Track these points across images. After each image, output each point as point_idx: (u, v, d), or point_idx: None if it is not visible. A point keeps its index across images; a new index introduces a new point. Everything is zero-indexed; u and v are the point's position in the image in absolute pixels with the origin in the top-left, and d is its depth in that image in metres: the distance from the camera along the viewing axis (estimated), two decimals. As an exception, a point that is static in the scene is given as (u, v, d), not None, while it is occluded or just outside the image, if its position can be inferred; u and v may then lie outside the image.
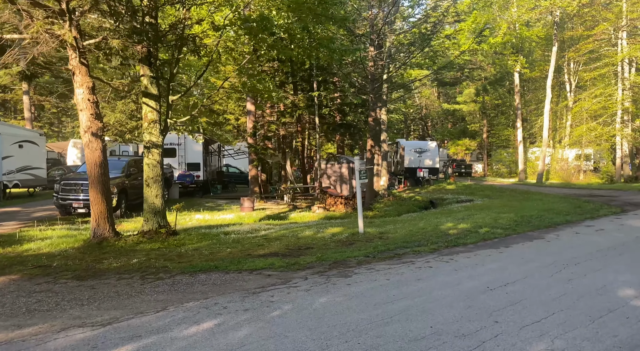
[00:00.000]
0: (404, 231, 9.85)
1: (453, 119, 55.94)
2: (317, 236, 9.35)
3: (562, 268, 6.37)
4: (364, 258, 6.99)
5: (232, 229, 10.73)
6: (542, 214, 12.42)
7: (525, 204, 15.52)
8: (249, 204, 15.13)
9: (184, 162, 19.77)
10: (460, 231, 9.66)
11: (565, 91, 39.61)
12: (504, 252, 7.60)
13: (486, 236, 9.05)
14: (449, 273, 6.10)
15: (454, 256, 7.23)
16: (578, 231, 9.74)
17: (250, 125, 17.68)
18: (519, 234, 9.42)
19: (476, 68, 42.38)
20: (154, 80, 8.82)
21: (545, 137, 31.00)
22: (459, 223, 10.91)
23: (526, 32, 30.75)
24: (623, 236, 9.09)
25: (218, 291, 5.12)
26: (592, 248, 7.89)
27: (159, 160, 9.00)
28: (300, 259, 6.83)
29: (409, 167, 27.64)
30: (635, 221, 11.27)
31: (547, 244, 8.35)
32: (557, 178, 35.20)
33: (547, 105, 31.06)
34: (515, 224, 10.67)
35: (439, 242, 8.40)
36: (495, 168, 45.69)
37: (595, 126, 33.36)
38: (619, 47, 31.07)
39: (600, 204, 15.41)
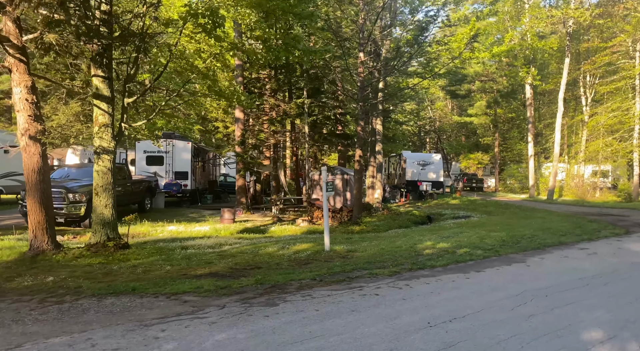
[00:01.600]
0: (375, 250, 9.06)
1: (466, 132, 54.77)
2: (278, 253, 8.63)
3: (528, 300, 5.53)
4: (310, 282, 6.25)
5: (194, 243, 10.09)
6: (536, 234, 11.50)
7: (524, 223, 14.56)
8: (229, 215, 14.50)
9: (172, 171, 19.28)
10: (436, 252, 8.84)
11: (581, 105, 38.28)
12: (471, 278, 6.77)
13: (461, 258, 8.21)
14: (393, 303, 5.32)
15: (412, 281, 6.44)
16: (567, 255, 8.82)
17: (239, 133, 17.14)
18: (499, 257, 8.55)
19: (488, 80, 41.33)
20: (107, 80, 8.29)
21: (556, 152, 29.77)
22: (440, 242, 10.08)
23: (538, 43, 29.73)
24: (616, 262, 8.15)
25: (107, 321, 4.45)
26: (575, 275, 7.01)
27: (110, 167, 8.42)
28: (236, 281, 6.13)
29: (411, 180, 26.72)
30: (636, 244, 10.26)
31: (526, 269, 7.48)
32: (571, 195, 33.83)
33: (558, 119, 29.89)
34: (500, 244, 9.79)
35: (405, 264, 7.61)
36: (508, 183, 44.30)
37: (612, 142, 32.04)
38: (637, 59, 29.85)
39: (606, 224, 14.35)
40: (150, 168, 19.14)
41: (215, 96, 8.87)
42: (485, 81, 41.71)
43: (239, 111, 17.13)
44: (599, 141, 32.95)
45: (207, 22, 7.32)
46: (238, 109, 17.11)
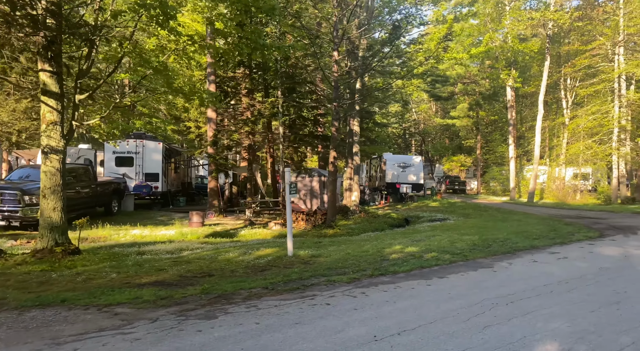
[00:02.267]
0: (340, 255, 8.72)
1: (449, 135, 54.90)
2: (238, 259, 8.24)
3: (487, 309, 5.23)
4: (260, 291, 5.88)
5: (153, 249, 9.66)
6: (509, 237, 11.27)
7: (500, 225, 14.37)
8: (197, 219, 14.04)
9: (142, 172, 18.71)
10: (403, 256, 8.54)
11: (562, 108, 38.50)
12: (433, 285, 6.46)
13: (427, 263, 7.92)
14: (342, 313, 4.98)
15: (370, 289, 6.12)
16: (536, 259, 8.57)
17: (211, 134, 16.68)
18: (467, 262, 8.28)
19: (470, 82, 41.41)
20: (55, 76, 7.83)
21: (536, 155, 29.84)
22: (409, 246, 9.78)
23: (519, 46, 29.75)
24: (585, 267, 7.92)
25: (15, 339, 4.03)
26: (541, 281, 6.74)
27: (59, 167, 7.96)
28: (180, 291, 5.73)
29: (391, 182, 26.48)
30: (608, 248, 10.07)
31: (491, 275, 7.21)
32: (552, 198, 33.96)
33: (539, 121, 29.97)
34: (470, 248, 9.53)
35: (367, 269, 7.29)
36: (491, 186, 44.37)
37: (592, 144, 32.22)
38: (616, 63, 30.02)
39: (581, 227, 14.22)
40: (119, 169, 18.59)
41: (175, 93, 8.47)
42: (467, 83, 41.82)
43: (211, 111, 16.68)
44: (579, 144, 33.12)
45: (159, 14, 6.93)
46: (210, 108, 16.66)
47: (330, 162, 15.18)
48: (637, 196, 29.26)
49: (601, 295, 6.04)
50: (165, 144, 19.57)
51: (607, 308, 5.42)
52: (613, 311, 5.27)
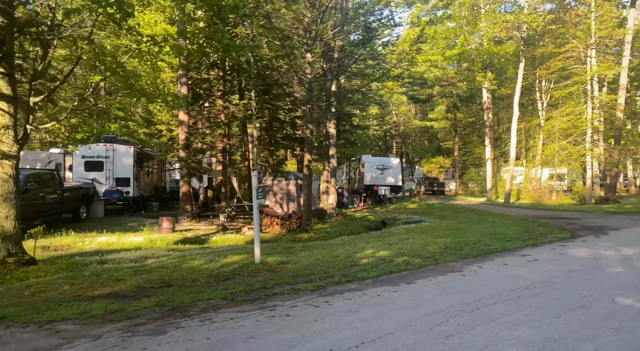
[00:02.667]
0: (310, 261, 8.53)
1: (428, 137, 55.24)
2: (202, 267, 7.97)
3: (451, 317, 5.09)
4: (219, 302, 5.64)
5: (116, 257, 9.31)
6: (482, 239, 11.23)
7: (474, 227, 14.35)
8: (168, 224, 13.69)
9: (112, 177, 18.21)
10: (374, 261, 8.39)
11: (537, 109, 39.03)
12: (399, 291, 6.30)
13: (397, 268, 7.77)
14: (301, 325, 4.78)
15: (335, 297, 5.93)
16: (507, 262, 8.51)
17: (183, 137, 16.31)
18: (437, 266, 8.16)
19: (448, 85, 41.71)
20: (7, 77, 7.46)
21: (512, 156, 30.14)
22: (381, 250, 9.64)
23: (494, 48, 30.06)
24: (554, 270, 7.87)
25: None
26: (509, 285, 6.65)
27: (12, 174, 7.59)
28: (133, 304, 5.45)
29: (370, 184, 26.40)
30: (578, 249, 10.09)
31: (460, 279, 7.09)
32: (528, 198, 34.32)
33: (514, 123, 30.30)
34: (442, 252, 9.43)
35: (335, 276, 7.11)
36: (470, 187, 44.73)
37: (566, 145, 32.69)
38: (588, 65, 30.52)
39: (554, 228, 14.30)
40: (89, 174, 18.05)
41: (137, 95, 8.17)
42: (445, 85, 42.10)
43: (183, 114, 16.33)
44: (554, 145, 33.58)
45: (116, 12, 6.64)
46: (182, 111, 16.30)
47: (305, 165, 14.98)
48: (610, 196, 29.73)
49: (567, 299, 5.96)
50: (137, 148, 19.08)
51: (572, 313, 5.33)
52: (578, 317, 5.18)
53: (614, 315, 5.28)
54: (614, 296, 6.10)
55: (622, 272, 7.71)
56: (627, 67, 28.01)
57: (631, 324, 4.94)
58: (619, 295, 6.17)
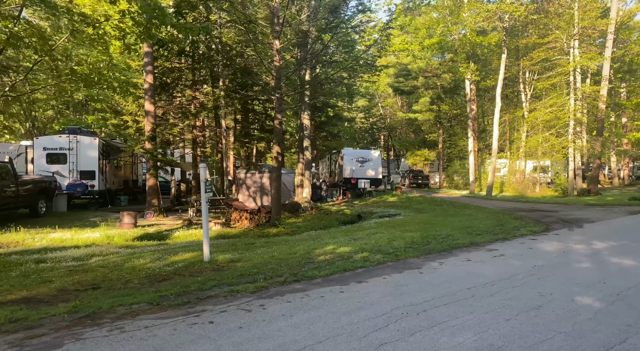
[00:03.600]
0: (264, 258, 8.04)
1: (414, 129, 54.91)
2: (146, 266, 7.45)
3: (393, 322, 4.64)
4: (142, 307, 5.14)
5: (59, 255, 8.75)
6: (452, 233, 10.83)
7: (448, 221, 13.97)
8: (129, 219, 13.12)
9: (76, 170, 17.50)
10: (332, 258, 7.93)
11: (521, 101, 38.82)
12: (346, 291, 5.85)
13: (353, 264, 7.32)
14: (221, 334, 4.30)
15: (273, 299, 5.45)
16: (471, 258, 8.10)
17: (149, 128, 15.67)
18: (396, 262, 7.73)
19: (432, 76, 41.30)
20: None
21: (494, 148, 29.84)
22: (344, 246, 9.19)
23: (477, 39, 29.64)
24: (518, 266, 7.47)
25: None
26: (465, 283, 6.23)
27: None
28: (43, 310, 4.94)
29: (349, 177, 25.94)
30: (549, 243, 9.72)
31: (415, 278, 6.65)
32: (511, 191, 34.19)
33: (496, 114, 29.98)
34: (406, 247, 9.00)
35: (283, 275, 6.64)
36: (456, 179, 44.53)
37: (549, 137, 32.51)
38: (571, 56, 30.25)
39: (529, 220, 13.98)
40: (51, 167, 17.33)
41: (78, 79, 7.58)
42: (429, 77, 41.69)
43: (149, 103, 15.67)
44: (537, 137, 33.40)
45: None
46: (148, 100, 15.66)
47: (274, 157, 14.47)
48: (592, 188, 29.61)
49: (524, 298, 5.55)
50: (103, 140, 18.36)
51: (525, 314, 4.91)
52: (530, 319, 4.76)
53: (570, 316, 4.87)
54: (574, 294, 5.71)
55: (588, 267, 7.33)
56: (610, 58, 27.79)
57: (585, 327, 4.53)
58: (579, 293, 5.78)
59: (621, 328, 4.53)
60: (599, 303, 5.37)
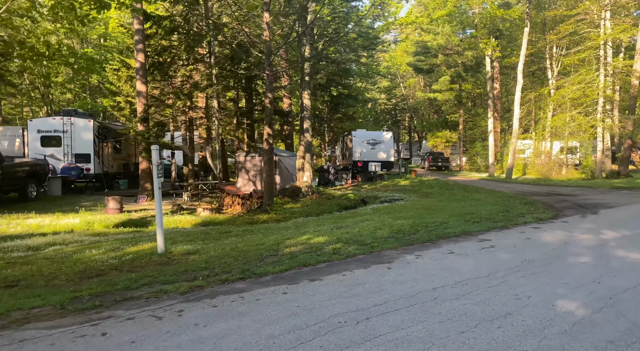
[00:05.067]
0: (226, 249, 7.37)
1: (435, 109, 53.15)
2: (93, 258, 6.88)
3: (322, 334, 3.89)
4: (45, 311, 4.54)
5: (15, 244, 8.29)
6: (448, 221, 9.94)
7: (451, 206, 13.01)
8: (114, 205, 12.68)
9: (71, 153, 17.16)
10: (298, 250, 7.20)
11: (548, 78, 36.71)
12: (289, 292, 5.09)
13: (317, 258, 6.57)
14: (113, 347, 3.61)
15: (199, 303, 4.77)
16: (455, 250, 7.22)
17: (141, 109, 15.11)
18: (369, 255, 6.93)
19: (453, 53, 39.42)
20: None
21: (515, 128, 28.24)
22: (322, 235, 8.43)
23: (497, 11, 27.82)
24: (505, 260, 6.56)
25: None
26: (434, 282, 5.41)
27: None
28: None
29: (360, 160, 24.94)
30: (551, 233, 8.71)
31: (381, 274, 5.84)
32: (535, 173, 32.57)
33: (517, 92, 28.30)
34: (389, 236, 8.21)
35: (232, 271, 5.96)
36: (477, 162, 42.87)
37: (576, 116, 30.68)
38: (602, 28, 28.18)
39: (540, 206, 12.90)
40: (46, 150, 17.05)
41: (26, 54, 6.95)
42: (449, 54, 39.79)
43: (140, 83, 15.09)
44: (562, 115, 31.59)
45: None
46: (139, 80, 15.08)
47: (265, 139, 13.72)
48: (622, 170, 27.84)
49: (495, 302, 4.68)
50: (98, 122, 17.90)
51: (486, 325, 4.06)
52: (489, 332, 3.91)
53: (540, 328, 3.99)
54: (556, 298, 4.80)
55: (586, 263, 6.36)
56: (644, 29, 25.67)
57: (554, 344, 3.65)
58: (563, 296, 4.87)
59: (599, 346, 3.63)
60: (584, 309, 4.46)
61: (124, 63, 17.12)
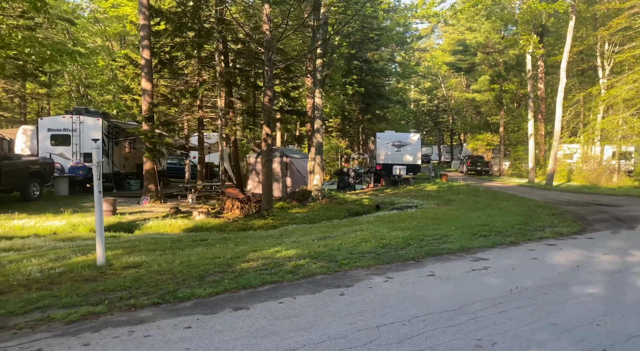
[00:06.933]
0: (175, 263, 6.51)
1: (477, 111, 50.68)
2: (26, 269, 6.20)
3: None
4: None
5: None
6: (452, 233, 8.75)
7: (466, 216, 11.69)
8: (107, 206, 12.14)
9: (79, 152, 16.98)
10: (258, 265, 6.31)
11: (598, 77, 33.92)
12: (194, 327, 4.15)
13: (263, 279, 5.62)
14: None
15: (69, 340, 3.91)
16: (436, 272, 6.05)
17: (145, 108, 14.64)
18: (330, 275, 5.91)
19: (493, 51, 37.18)
20: None
21: (557, 131, 26.00)
22: (294, 248, 7.46)
23: (539, 5, 25.71)
24: (492, 287, 5.34)
25: None
26: (385, 317, 4.35)
27: None
28: None
29: (384, 163, 23.60)
30: (567, 252, 7.31)
31: (326, 302, 4.80)
32: (581, 180, 30.05)
33: (560, 92, 26.03)
34: (369, 252, 7.19)
35: (156, 293, 5.11)
36: (519, 166, 40.30)
37: (629, 118, 28.09)
38: (659, 21, 25.61)
39: (568, 218, 11.37)
40: (55, 149, 16.94)
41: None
42: (490, 52, 37.56)
43: (145, 81, 14.64)
44: (614, 117, 29.02)
45: None
46: (144, 77, 14.64)
47: (263, 139, 12.87)
48: (680, 177, 25.12)
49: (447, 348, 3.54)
50: (107, 121, 17.61)
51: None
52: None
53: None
54: (529, 347, 3.60)
55: (593, 294, 5.05)
56: None
57: None
58: (540, 345, 3.66)
59: None
60: (560, 372, 3.25)
61: (131, 60, 16.83)
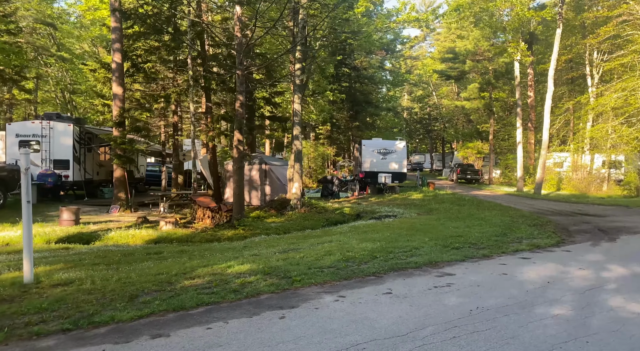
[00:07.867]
0: (113, 280, 5.98)
1: (467, 119, 50.50)
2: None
3: None
4: None
5: None
6: (423, 245, 8.30)
7: (444, 226, 11.24)
8: (68, 216, 11.61)
9: (49, 159, 16.37)
10: (203, 282, 5.82)
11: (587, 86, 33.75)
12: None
13: (202, 299, 5.10)
14: None
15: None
16: (394, 290, 5.55)
17: (116, 113, 14.11)
18: (277, 294, 5.41)
19: (482, 59, 36.98)
20: None
21: (545, 139, 25.70)
22: (249, 262, 6.94)
23: (527, 12, 25.50)
24: (451, 307, 4.84)
25: None
26: (322, 345, 3.80)
27: None
28: None
29: (369, 171, 23.13)
30: (539, 266, 6.83)
31: (261, 327, 4.28)
32: (570, 189, 29.76)
33: (548, 99, 25.77)
34: (328, 266, 6.72)
35: (69, 317, 4.58)
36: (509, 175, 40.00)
37: (617, 127, 27.83)
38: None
39: (547, 229, 10.93)
40: None
41: None
42: (479, 60, 37.37)
43: (117, 85, 14.12)
44: (602, 126, 28.75)
45: None
46: (115, 82, 14.13)
47: (234, 146, 12.36)
48: (669, 187, 24.83)
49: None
50: (77, 126, 17.01)
51: None
52: None
53: None
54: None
55: (558, 316, 4.56)
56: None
57: None
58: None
59: None
60: None
61: (102, 63, 16.33)
